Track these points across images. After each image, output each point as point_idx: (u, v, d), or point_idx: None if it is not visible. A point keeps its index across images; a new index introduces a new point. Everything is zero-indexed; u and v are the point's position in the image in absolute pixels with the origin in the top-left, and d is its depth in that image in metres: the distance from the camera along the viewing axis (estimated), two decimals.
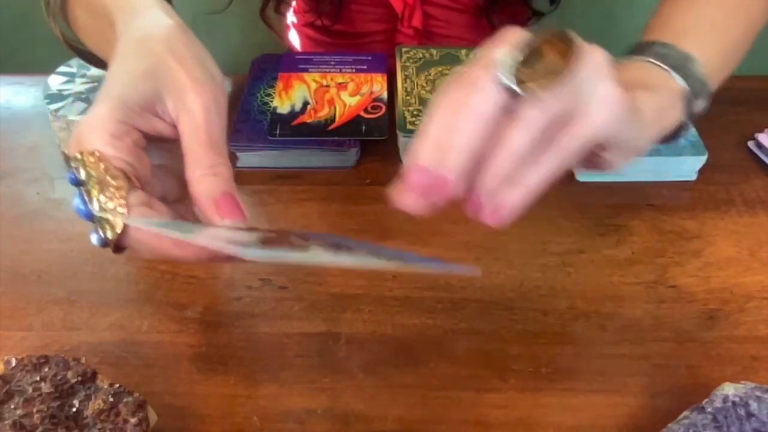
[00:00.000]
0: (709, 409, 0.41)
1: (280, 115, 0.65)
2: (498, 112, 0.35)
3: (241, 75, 0.73)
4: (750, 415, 0.40)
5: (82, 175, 0.38)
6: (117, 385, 0.41)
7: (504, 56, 0.35)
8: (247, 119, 0.65)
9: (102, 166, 0.38)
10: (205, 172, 0.39)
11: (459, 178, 0.36)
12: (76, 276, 0.54)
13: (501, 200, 0.37)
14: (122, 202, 0.38)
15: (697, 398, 0.42)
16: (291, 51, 0.95)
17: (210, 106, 0.40)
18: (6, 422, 0.39)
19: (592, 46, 0.37)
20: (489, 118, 0.35)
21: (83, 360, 0.43)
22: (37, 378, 0.41)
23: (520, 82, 0.35)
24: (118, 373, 0.47)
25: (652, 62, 0.48)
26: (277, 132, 0.63)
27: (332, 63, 0.71)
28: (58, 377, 0.41)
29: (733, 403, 0.41)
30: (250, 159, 0.64)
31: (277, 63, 0.72)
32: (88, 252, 0.56)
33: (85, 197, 0.39)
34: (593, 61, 0.37)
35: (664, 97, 0.47)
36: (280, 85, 0.69)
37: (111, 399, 0.41)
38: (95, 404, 0.40)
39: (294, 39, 0.94)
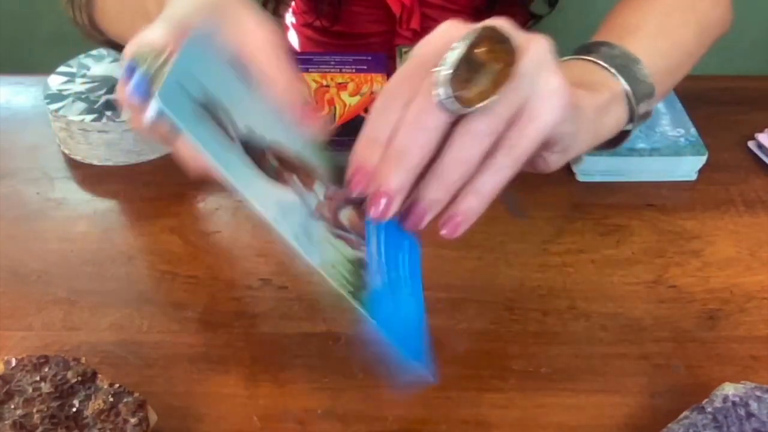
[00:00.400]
0: (709, 409, 0.41)
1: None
2: (444, 127, 0.35)
3: None
4: (750, 415, 0.40)
5: (139, 61, 0.35)
6: (117, 385, 0.41)
7: (443, 75, 0.34)
8: None
9: (161, 52, 0.35)
10: (288, 88, 0.37)
11: (402, 194, 0.35)
12: (76, 276, 0.54)
13: (457, 210, 0.36)
14: None
15: (697, 398, 0.42)
16: (290, 51, 0.95)
17: (275, 37, 0.39)
18: (6, 422, 0.39)
19: (534, 36, 0.36)
20: (435, 135, 0.35)
21: (83, 360, 0.43)
22: (37, 378, 0.41)
23: (463, 98, 0.33)
24: (118, 373, 0.47)
25: (594, 62, 0.47)
26: None
27: (332, 63, 0.71)
28: (58, 377, 0.41)
29: (733, 403, 0.41)
30: None
31: None
32: (88, 252, 0.56)
33: (144, 78, 0.34)
34: (537, 54, 0.35)
35: (605, 97, 0.46)
36: None
37: (111, 399, 0.41)
38: (95, 404, 0.40)
39: (292, 39, 0.94)
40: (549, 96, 0.36)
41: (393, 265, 0.36)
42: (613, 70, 0.47)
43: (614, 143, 0.50)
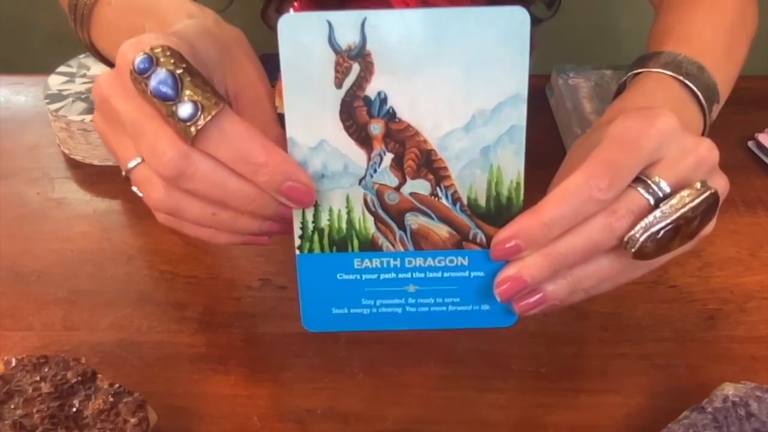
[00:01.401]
0: (709, 409, 0.41)
1: (281, 115, 0.65)
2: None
3: None
4: (750, 415, 0.40)
5: (162, 60, 0.34)
6: (117, 385, 0.41)
7: (645, 232, 0.35)
8: None
9: (181, 57, 0.35)
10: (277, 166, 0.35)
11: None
12: (76, 276, 0.54)
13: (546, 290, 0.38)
14: (212, 90, 0.34)
15: (697, 398, 0.42)
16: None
17: (270, 102, 0.40)
18: (6, 422, 0.39)
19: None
20: (601, 255, 0.37)
21: (83, 360, 0.43)
22: (37, 378, 0.41)
23: (645, 251, 0.36)
24: (118, 373, 0.47)
25: (665, 73, 0.46)
26: None
27: None
28: (58, 377, 0.41)
29: (733, 403, 0.41)
30: None
31: (278, 63, 0.72)
32: (88, 252, 0.56)
33: (172, 77, 0.34)
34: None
35: (686, 110, 0.46)
36: (279, 86, 0.69)
37: (111, 399, 0.41)
38: (95, 404, 0.40)
39: None
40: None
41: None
42: (687, 82, 0.46)
43: None
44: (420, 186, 0.36)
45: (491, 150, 0.36)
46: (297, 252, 0.37)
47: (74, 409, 0.40)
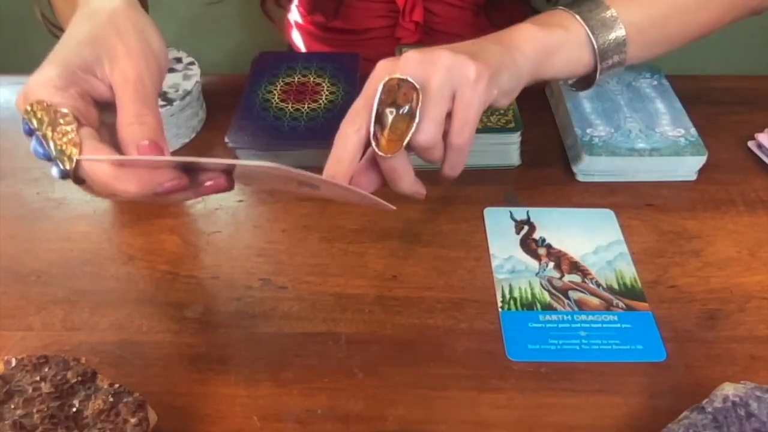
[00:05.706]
0: (709, 409, 0.41)
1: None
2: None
3: (241, 74, 0.73)
4: (750, 415, 0.40)
5: (35, 123, 0.41)
6: (117, 385, 0.41)
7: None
8: (249, 117, 0.65)
9: (51, 109, 0.41)
10: (131, 121, 0.41)
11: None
12: (76, 276, 0.54)
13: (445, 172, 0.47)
14: (74, 135, 0.40)
15: (697, 398, 0.42)
16: (291, 49, 0.95)
17: (142, 69, 0.43)
18: (6, 422, 0.39)
19: (433, 55, 0.44)
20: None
21: (83, 360, 0.43)
22: (37, 378, 0.41)
23: (385, 145, 0.44)
24: (118, 373, 0.47)
25: (564, 10, 0.52)
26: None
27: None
28: (58, 377, 0.41)
29: (733, 403, 0.41)
30: (250, 159, 0.64)
31: (277, 61, 0.72)
32: (88, 252, 0.56)
33: (41, 140, 0.41)
34: (443, 68, 0.43)
35: (555, 37, 0.49)
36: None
37: (111, 399, 0.41)
38: (95, 404, 0.40)
39: (296, 37, 0.94)
40: (471, 85, 0.44)
41: None
42: (577, 17, 0.50)
43: (582, 84, 0.55)
44: (574, 277, 0.54)
45: (613, 263, 0.55)
46: (500, 310, 0.51)
47: (74, 409, 0.40)
